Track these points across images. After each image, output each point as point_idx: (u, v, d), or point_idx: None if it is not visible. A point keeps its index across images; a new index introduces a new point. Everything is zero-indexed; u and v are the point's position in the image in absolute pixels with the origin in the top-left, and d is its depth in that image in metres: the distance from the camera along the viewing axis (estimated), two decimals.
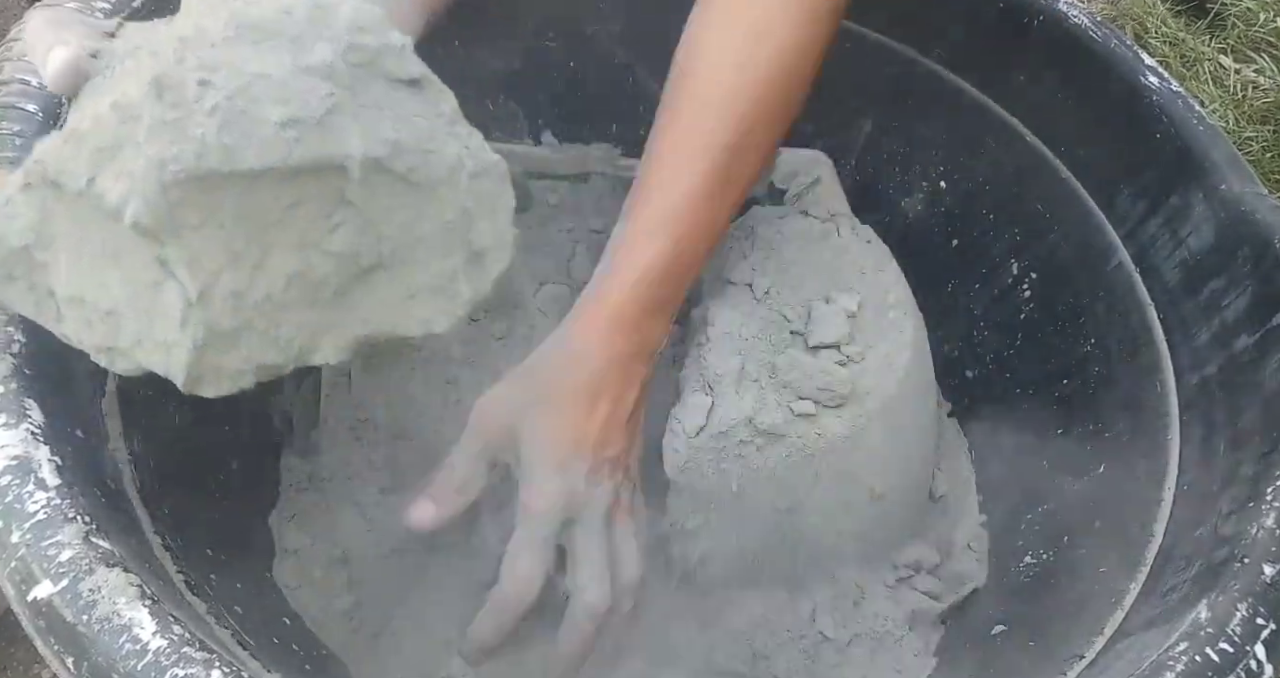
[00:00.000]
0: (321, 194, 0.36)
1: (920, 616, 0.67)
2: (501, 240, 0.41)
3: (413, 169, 0.38)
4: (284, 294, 0.36)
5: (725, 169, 0.52)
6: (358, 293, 0.38)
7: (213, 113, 0.33)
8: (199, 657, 0.38)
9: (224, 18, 0.35)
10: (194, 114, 0.33)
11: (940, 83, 0.76)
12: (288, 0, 0.36)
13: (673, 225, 0.52)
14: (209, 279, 0.35)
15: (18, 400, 0.43)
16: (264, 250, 0.35)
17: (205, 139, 0.33)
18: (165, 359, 0.36)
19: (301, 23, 0.36)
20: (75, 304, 0.36)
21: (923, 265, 0.77)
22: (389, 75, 0.38)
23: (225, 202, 0.34)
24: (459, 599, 0.64)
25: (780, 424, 0.61)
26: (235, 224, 0.34)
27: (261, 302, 0.36)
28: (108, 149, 0.34)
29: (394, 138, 0.37)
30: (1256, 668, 0.44)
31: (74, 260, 0.36)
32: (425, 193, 0.38)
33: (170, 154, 0.33)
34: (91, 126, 0.34)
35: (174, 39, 0.35)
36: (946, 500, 0.74)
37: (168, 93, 0.33)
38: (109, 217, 0.34)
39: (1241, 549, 0.49)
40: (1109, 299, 0.68)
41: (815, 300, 0.66)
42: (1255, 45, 1.29)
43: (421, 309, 0.40)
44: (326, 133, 0.35)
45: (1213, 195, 0.62)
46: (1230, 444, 0.57)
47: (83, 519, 0.40)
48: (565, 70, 0.82)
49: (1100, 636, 0.54)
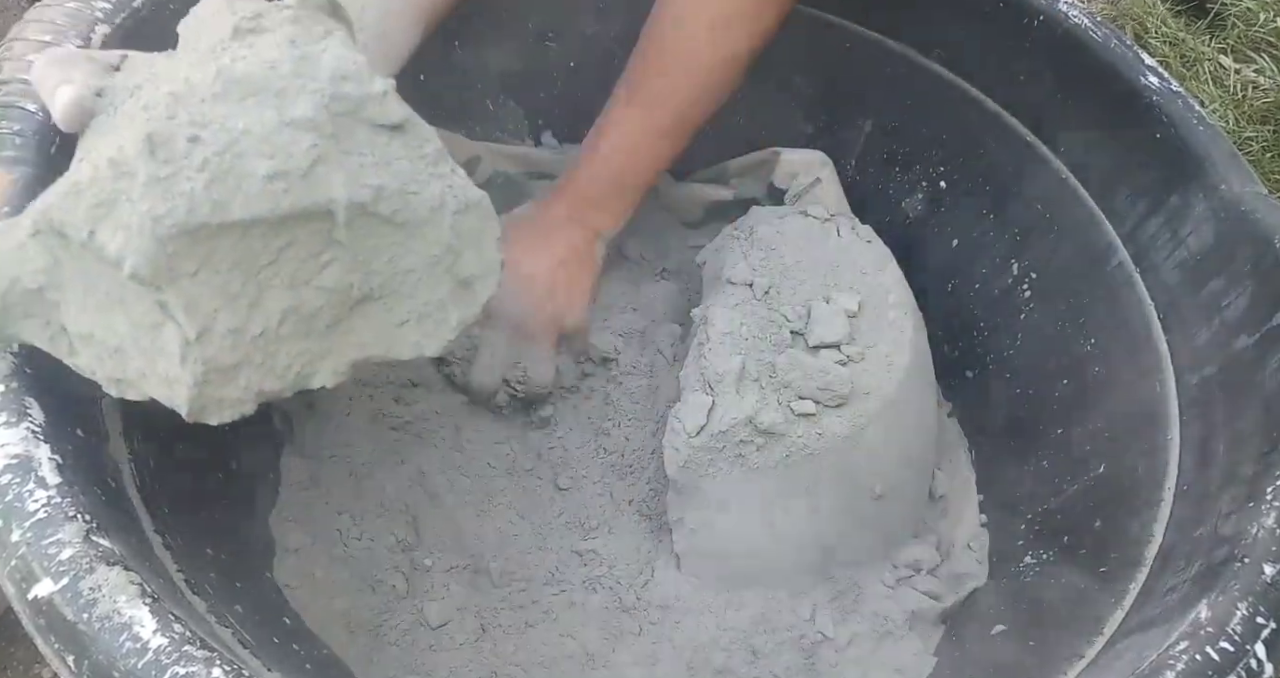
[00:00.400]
0: (310, 237, 0.38)
1: (920, 615, 0.67)
2: (489, 268, 0.43)
3: (396, 211, 0.40)
4: (279, 328, 0.39)
5: (680, 118, 0.65)
6: (350, 322, 0.41)
7: (202, 168, 0.35)
8: (199, 655, 0.38)
9: (213, 72, 0.37)
10: (184, 170, 0.35)
11: (940, 83, 0.76)
12: (273, 53, 0.38)
13: (626, 151, 0.66)
14: (206, 320, 0.37)
15: (18, 399, 0.43)
16: (259, 290, 0.38)
17: (195, 194, 0.35)
18: (170, 393, 0.38)
19: (286, 76, 0.38)
20: (86, 340, 0.39)
21: (923, 265, 0.77)
22: (372, 121, 0.39)
23: (218, 250, 0.36)
24: (458, 598, 0.65)
25: (780, 424, 0.61)
26: (229, 269, 0.37)
27: (258, 337, 0.38)
28: (105, 203, 0.36)
29: (377, 183, 0.39)
30: (1257, 667, 0.44)
31: (83, 302, 0.38)
32: (410, 231, 0.40)
33: (163, 209, 0.35)
34: (90, 181, 0.36)
35: (166, 94, 0.37)
36: (946, 500, 0.74)
37: (160, 149, 0.35)
38: (110, 266, 0.36)
39: (1241, 549, 0.49)
40: (1109, 299, 0.68)
41: (815, 300, 0.66)
42: (1255, 45, 1.29)
43: (412, 334, 0.42)
44: (312, 182, 0.37)
45: (1213, 195, 0.62)
46: (1230, 444, 0.57)
47: (83, 518, 0.40)
48: (565, 70, 0.82)
49: (1100, 635, 0.54)
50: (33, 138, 0.50)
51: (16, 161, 0.49)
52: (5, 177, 0.49)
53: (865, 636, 0.66)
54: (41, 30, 0.53)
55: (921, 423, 0.70)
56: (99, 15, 0.55)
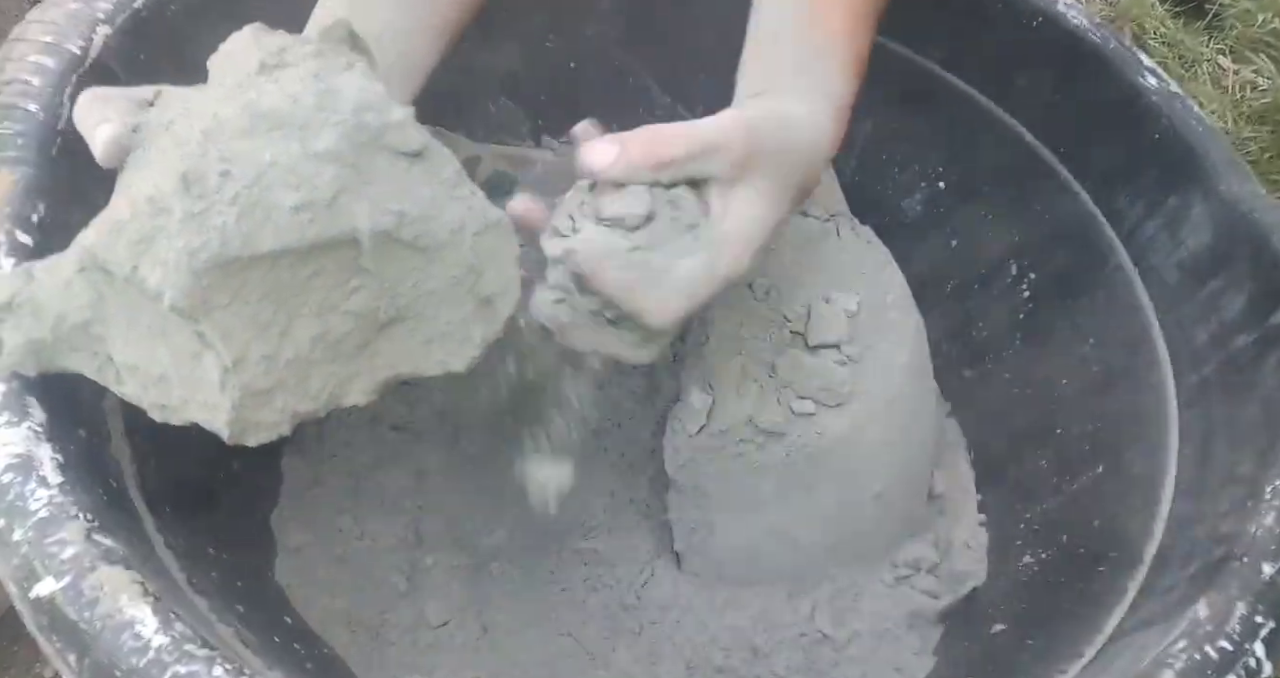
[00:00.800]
0: (337, 265, 0.40)
1: (919, 615, 0.67)
2: (509, 287, 0.44)
3: (418, 236, 0.41)
4: (310, 353, 0.41)
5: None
6: (378, 344, 0.43)
7: (233, 202, 0.37)
8: (201, 654, 0.38)
9: (240, 107, 0.39)
10: (216, 204, 0.37)
11: (940, 83, 0.76)
12: (297, 87, 0.40)
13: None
14: (241, 349, 0.39)
15: (20, 399, 0.43)
16: (289, 318, 0.40)
17: (227, 228, 0.37)
18: (211, 417, 0.41)
19: (310, 109, 0.39)
20: (132, 371, 0.41)
21: (922, 265, 0.77)
22: (393, 149, 0.41)
23: (250, 281, 0.38)
24: (459, 597, 0.65)
25: (780, 424, 0.61)
26: (261, 299, 0.39)
27: (291, 362, 0.40)
28: (145, 239, 0.38)
29: (399, 209, 0.40)
30: (1256, 666, 0.44)
31: (126, 334, 0.40)
32: (432, 255, 0.42)
33: (198, 243, 0.37)
34: (130, 218, 0.38)
35: (198, 131, 0.39)
36: (946, 500, 0.74)
37: (193, 186, 0.37)
38: (152, 299, 0.38)
39: (1240, 548, 0.49)
40: (1108, 299, 0.68)
41: (815, 300, 0.66)
42: (1253, 46, 1.29)
43: (438, 352, 0.44)
44: (336, 212, 0.39)
45: (1211, 196, 0.62)
46: (1229, 443, 0.57)
47: (85, 517, 0.40)
48: (565, 70, 0.82)
49: (1100, 634, 0.54)
50: (33, 138, 0.50)
51: (17, 162, 0.49)
52: (6, 177, 0.49)
53: (864, 635, 0.66)
54: (43, 31, 0.54)
55: (921, 423, 0.70)
56: (100, 16, 0.55)
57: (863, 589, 0.67)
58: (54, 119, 0.51)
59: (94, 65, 0.54)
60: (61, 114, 0.52)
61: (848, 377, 0.63)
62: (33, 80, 0.51)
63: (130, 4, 0.56)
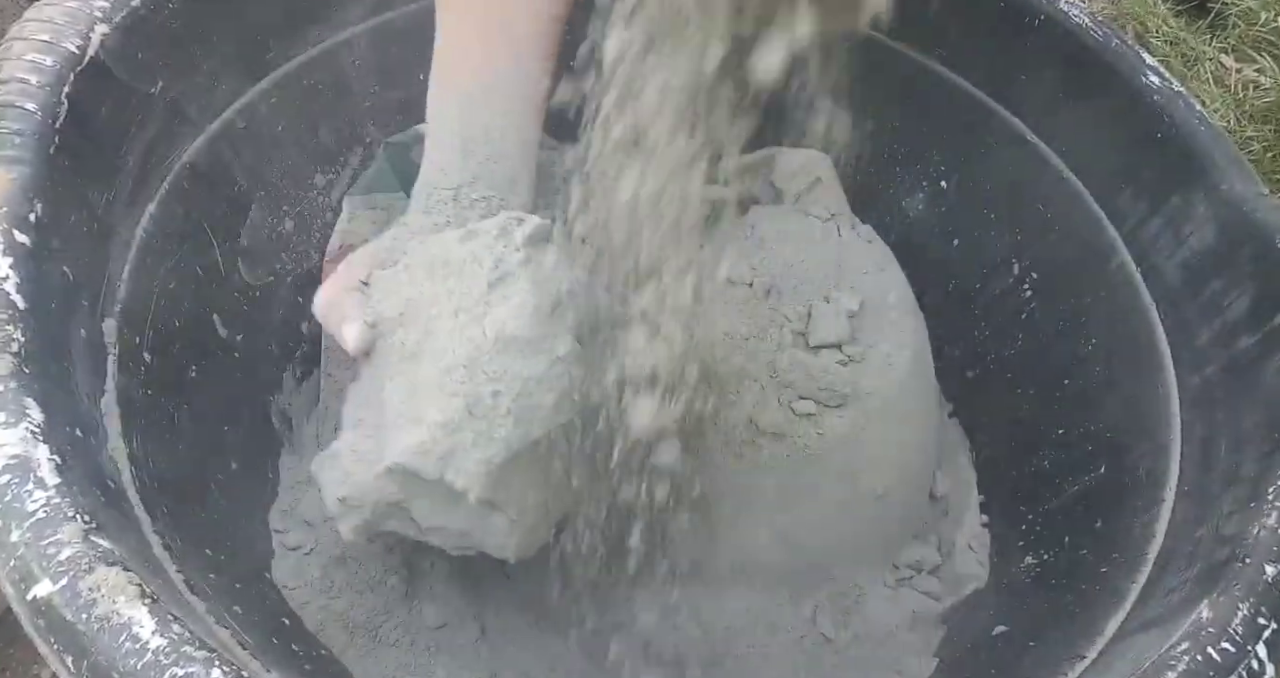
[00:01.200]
0: (565, 433, 0.52)
1: (921, 616, 0.67)
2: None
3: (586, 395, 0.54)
4: (551, 493, 0.53)
5: None
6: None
7: (508, 414, 0.49)
8: (198, 656, 0.38)
9: (491, 336, 0.49)
10: (495, 419, 0.49)
11: (941, 83, 0.76)
12: (529, 302, 0.49)
13: None
14: (520, 508, 0.51)
15: (17, 400, 0.43)
16: (543, 473, 0.52)
17: (509, 437, 0.49)
18: (502, 551, 0.53)
19: (545, 320, 0.50)
20: (436, 531, 0.53)
21: (923, 265, 0.77)
22: (593, 329, 0.53)
23: (522, 458, 0.50)
24: (457, 599, 0.64)
25: (781, 424, 0.61)
26: (528, 467, 0.51)
27: (544, 502, 0.53)
28: (445, 455, 0.49)
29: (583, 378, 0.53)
30: (1258, 668, 0.44)
31: (430, 508, 0.51)
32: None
33: (490, 453, 0.49)
34: (431, 442, 0.49)
35: (462, 357, 0.49)
36: (947, 500, 0.74)
37: (475, 408, 0.49)
38: (458, 493, 0.49)
39: (1243, 549, 0.49)
40: (1110, 299, 0.68)
41: (816, 300, 0.65)
42: (1256, 45, 1.29)
43: None
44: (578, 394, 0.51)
45: (1214, 195, 0.62)
46: (1231, 444, 0.57)
47: (82, 518, 0.40)
48: (565, 70, 0.82)
49: (1101, 636, 0.54)
50: (31, 137, 0.50)
51: (15, 161, 0.49)
52: (3, 175, 0.49)
53: (866, 636, 0.66)
54: (40, 29, 0.53)
55: (922, 423, 0.70)
56: (97, 14, 0.55)
57: (864, 591, 0.67)
58: (51, 118, 0.51)
59: (92, 63, 0.54)
60: (59, 113, 0.51)
61: (849, 377, 0.63)
62: (30, 79, 0.51)
63: (128, 2, 0.56)
